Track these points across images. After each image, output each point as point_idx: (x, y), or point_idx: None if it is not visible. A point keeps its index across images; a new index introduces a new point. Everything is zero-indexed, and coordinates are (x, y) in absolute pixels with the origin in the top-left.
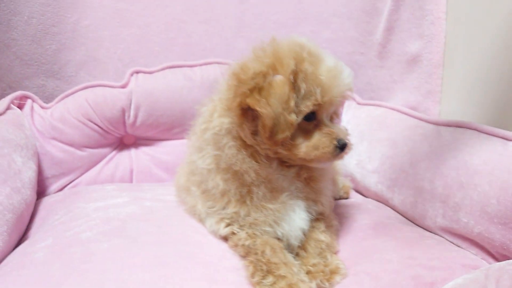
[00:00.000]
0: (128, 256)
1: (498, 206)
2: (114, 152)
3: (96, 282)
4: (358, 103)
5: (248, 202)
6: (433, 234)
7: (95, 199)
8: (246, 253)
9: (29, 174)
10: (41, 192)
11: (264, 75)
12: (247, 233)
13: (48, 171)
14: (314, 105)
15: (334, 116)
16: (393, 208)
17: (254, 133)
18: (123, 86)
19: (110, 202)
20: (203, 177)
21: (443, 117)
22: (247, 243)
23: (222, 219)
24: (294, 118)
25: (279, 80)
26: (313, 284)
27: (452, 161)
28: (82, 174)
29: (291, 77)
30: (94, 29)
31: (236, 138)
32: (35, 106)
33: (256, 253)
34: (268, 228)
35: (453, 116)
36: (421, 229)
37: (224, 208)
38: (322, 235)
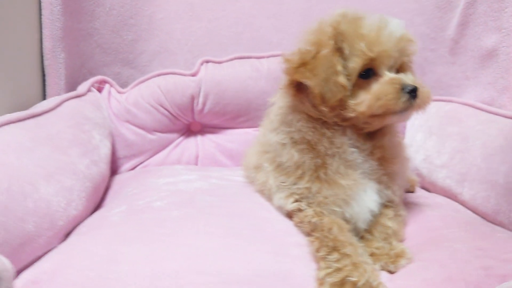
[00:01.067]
0: (199, 224)
1: None
2: (181, 138)
3: (169, 244)
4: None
5: (322, 175)
6: (505, 230)
7: (166, 175)
8: (312, 230)
9: (105, 151)
10: (114, 170)
11: (309, 51)
12: (314, 210)
13: (120, 152)
14: (365, 60)
15: (405, 72)
16: (462, 203)
17: (314, 105)
18: (194, 75)
19: (179, 178)
20: (276, 152)
21: None
22: (314, 220)
23: (292, 194)
24: (343, 80)
25: (321, 50)
26: (377, 266)
27: None
28: (151, 156)
29: (331, 42)
30: (167, 22)
31: (302, 112)
32: (112, 90)
33: (322, 230)
34: (337, 208)
35: None
36: (492, 224)
37: (295, 183)
38: (389, 221)
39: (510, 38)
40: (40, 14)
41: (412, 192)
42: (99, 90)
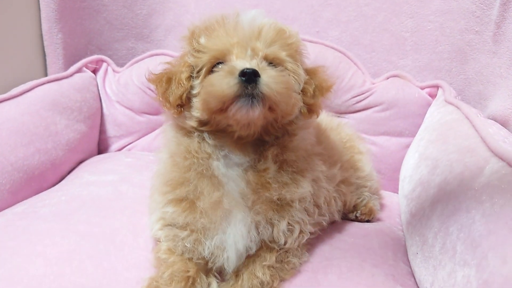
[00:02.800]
0: (44, 243)
1: None
2: None
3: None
4: (446, 100)
5: (184, 196)
6: None
7: (98, 172)
8: (155, 266)
9: (70, 136)
10: (103, 149)
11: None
12: (168, 245)
13: (110, 131)
14: (211, 54)
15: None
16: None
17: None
18: None
19: (101, 178)
20: (158, 166)
21: None
22: (163, 256)
23: (160, 218)
24: (184, 75)
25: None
26: None
27: (462, 216)
28: (139, 138)
29: (188, 43)
30: None
31: (174, 124)
32: (109, 69)
33: (158, 272)
34: (188, 244)
35: None
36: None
37: (164, 205)
38: (260, 271)
39: None
40: None
41: (365, 221)
42: (96, 70)
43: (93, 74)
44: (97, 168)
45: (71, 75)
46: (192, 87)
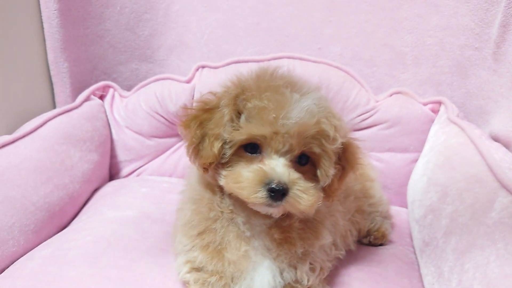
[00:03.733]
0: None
1: None
2: (181, 143)
3: None
4: (449, 118)
5: (210, 244)
6: None
7: (116, 207)
8: None
9: (84, 168)
10: (115, 173)
11: (206, 104)
12: None
13: (121, 156)
14: (249, 135)
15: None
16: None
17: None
18: (188, 81)
19: (120, 213)
20: (182, 206)
21: None
22: None
23: (188, 262)
24: (218, 145)
25: (217, 106)
26: None
27: (477, 254)
28: (149, 161)
29: (227, 108)
30: (182, 14)
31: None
32: (116, 95)
33: None
34: None
35: None
36: None
37: (191, 248)
38: None
39: None
40: (42, 28)
41: (378, 245)
42: (102, 96)
43: (100, 101)
44: (114, 201)
45: (80, 104)
46: (223, 155)
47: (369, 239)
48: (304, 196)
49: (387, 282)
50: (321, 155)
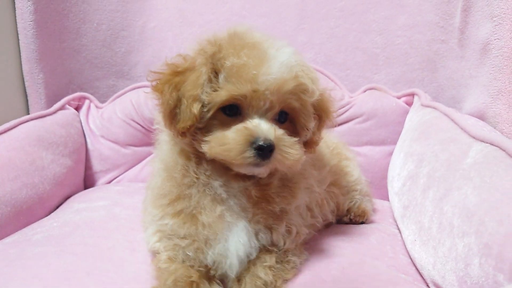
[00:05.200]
0: (40, 265)
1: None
2: None
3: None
4: (422, 104)
5: (184, 209)
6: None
7: (88, 200)
8: (156, 277)
9: (56, 170)
10: (90, 185)
11: (178, 66)
12: (168, 255)
13: (97, 166)
14: (229, 96)
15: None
16: (405, 244)
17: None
18: None
19: (92, 204)
20: (150, 179)
21: None
22: (163, 266)
23: (157, 231)
24: (197, 108)
25: (192, 68)
26: None
27: (455, 194)
28: (125, 170)
29: (204, 67)
30: (159, 30)
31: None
32: (92, 106)
33: (160, 281)
34: (190, 253)
35: None
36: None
37: (161, 217)
38: (262, 271)
39: (502, 29)
40: (18, 38)
41: (359, 223)
42: (78, 107)
43: (75, 111)
44: (86, 197)
45: (54, 112)
46: (201, 118)
47: (350, 217)
48: (291, 151)
49: (369, 249)
50: (300, 110)
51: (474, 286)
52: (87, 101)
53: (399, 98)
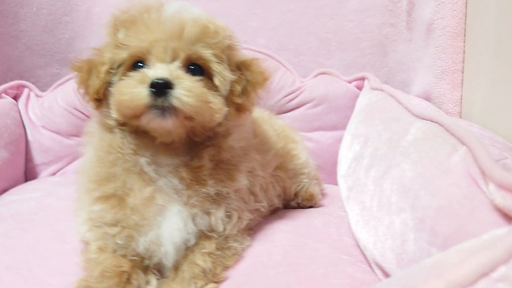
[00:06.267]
0: None
1: None
2: None
3: None
4: (371, 87)
5: (112, 193)
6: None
7: (21, 192)
8: (85, 269)
9: None
10: (32, 178)
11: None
12: (98, 245)
13: (38, 159)
14: (131, 52)
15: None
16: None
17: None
18: None
19: (24, 196)
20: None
21: (466, 106)
22: (93, 256)
23: (88, 220)
24: (103, 69)
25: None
26: None
27: (394, 171)
28: (69, 163)
29: (108, 32)
30: (105, 16)
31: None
32: (32, 94)
33: (87, 272)
34: (120, 241)
35: (480, 105)
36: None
37: (90, 203)
38: (200, 258)
39: (445, 8)
40: None
41: (308, 206)
42: (17, 96)
43: (14, 100)
44: (20, 189)
45: None
46: (110, 83)
47: (297, 201)
48: (195, 91)
49: (312, 232)
50: (212, 60)
51: (411, 263)
52: (26, 90)
53: (350, 82)
